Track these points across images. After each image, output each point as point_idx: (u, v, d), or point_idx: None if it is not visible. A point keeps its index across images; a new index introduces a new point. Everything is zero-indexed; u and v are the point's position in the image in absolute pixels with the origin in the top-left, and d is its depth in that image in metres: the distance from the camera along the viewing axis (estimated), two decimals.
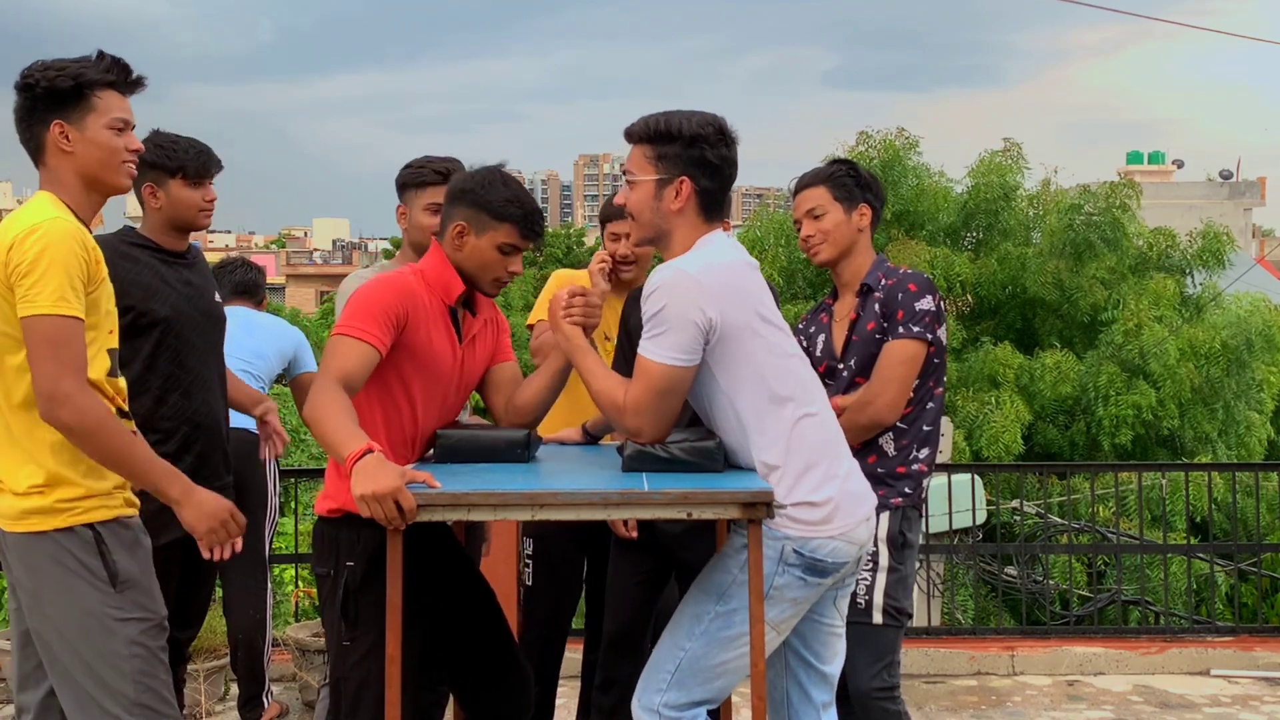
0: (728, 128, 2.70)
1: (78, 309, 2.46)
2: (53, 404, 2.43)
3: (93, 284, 2.54)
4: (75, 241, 2.48)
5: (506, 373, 3.07)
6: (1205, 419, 14.13)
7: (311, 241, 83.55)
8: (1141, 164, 34.08)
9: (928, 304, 3.27)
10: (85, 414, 2.45)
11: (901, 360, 3.23)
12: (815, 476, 2.62)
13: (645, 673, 2.72)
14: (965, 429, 13.24)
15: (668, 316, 2.57)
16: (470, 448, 2.82)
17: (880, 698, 3.24)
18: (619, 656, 3.78)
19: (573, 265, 30.23)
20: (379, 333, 2.70)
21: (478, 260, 2.86)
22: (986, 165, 15.80)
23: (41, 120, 2.60)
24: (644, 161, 2.69)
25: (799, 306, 14.18)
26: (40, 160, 2.64)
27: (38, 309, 2.42)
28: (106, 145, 2.62)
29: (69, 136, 2.59)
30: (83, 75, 2.60)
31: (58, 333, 2.43)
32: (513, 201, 2.84)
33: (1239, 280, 15.75)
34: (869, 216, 3.38)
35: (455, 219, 2.86)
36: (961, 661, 5.65)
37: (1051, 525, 9.70)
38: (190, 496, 2.61)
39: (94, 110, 2.61)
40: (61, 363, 2.42)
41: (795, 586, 2.61)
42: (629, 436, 2.66)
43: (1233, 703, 5.23)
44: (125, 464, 2.54)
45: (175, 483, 2.60)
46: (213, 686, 5.04)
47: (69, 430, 2.46)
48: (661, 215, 2.70)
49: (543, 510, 2.49)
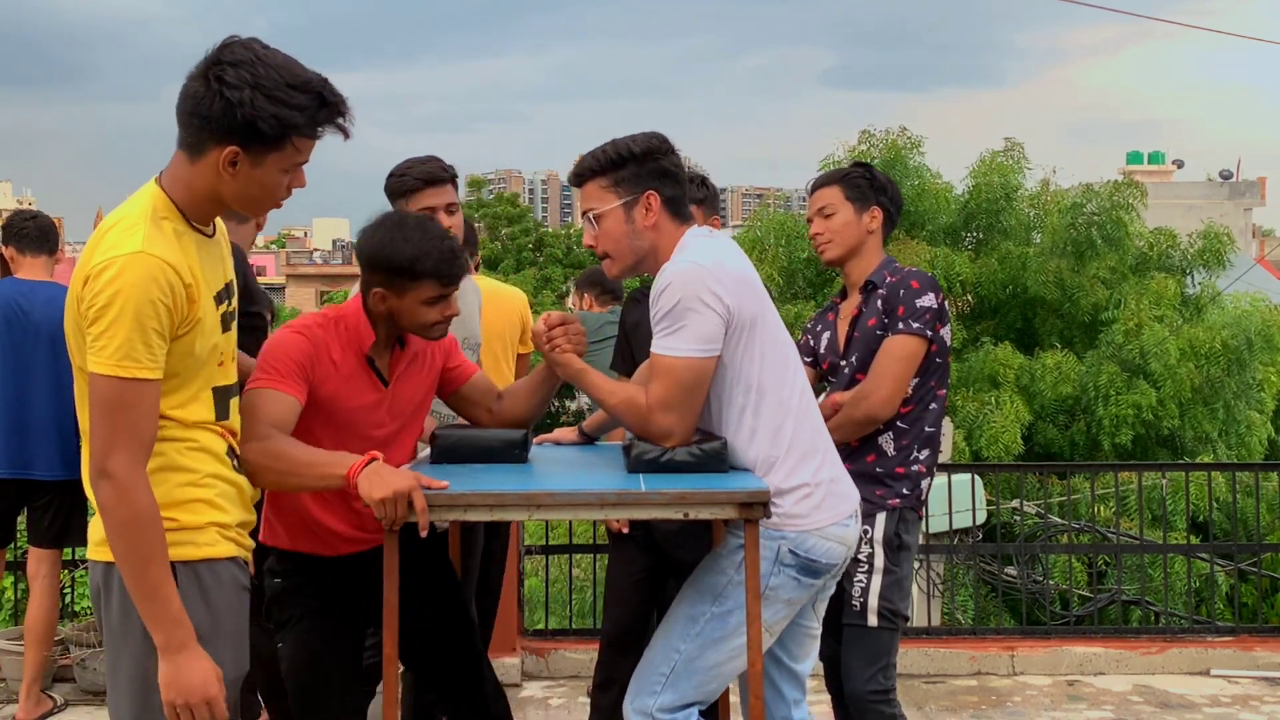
0: (667, 137, 2.76)
1: (147, 368, 2.14)
2: (98, 476, 2.14)
3: (184, 326, 2.20)
4: (156, 285, 2.13)
5: (477, 385, 3.02)
6: (1205, 419, 14.12)
7: (311, 241, 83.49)
8: (1141, 164, 34.03)
9: (929, 301, 3.27)
10: (126, 502, 2.13)
11: (899, 356, 3.23)
12: (814, 462, 2.68)
13: (637, 675, 2.72)
14: (965, 429, 13.24)
15: (686, 308, 2.56)
16: (467, 448, 2.81)
17: (875, 700, 3.24)
18: (618, 656, 3.78)
19: (573, 266, 30.20)
20: (294, 385, 2.66)
21: (410, 318, 2.78)
22: (987, 165, 15.80)
23: (216, 136, 2.19)
24: (603, 193, 2.71)
25: (799, 306, 14.19)
26: (188, 155, 2.23)
27: (100, 366, 2.13)
28: (271, 187, 2.27)
29: (237, 165, 2.21)
30: (295, 127, 2.21)
31: (117, 396, 2.12)
32: (420, 257, 2.72)
33: (1239, 280, 15.74)
34: (880, 219, 3.41)
35: (373, 285, 2.77)
36: (961, 661, 5.65)
37: (1051, 525, 9.69)
38: (183, 655, 2.17)
39: (281, 153, 2.23)
40: (114, 431, 2.13)
41: (789, 587, 2.63)
42: (658, 439, 2.62)
43: (1233, 703, 5.23)
44: (140, 574, 2.16)
45: (174, 630, 2.17)
46: None
47: (103, 510, 2.16)
48: (638, 235, 2.71)
49: (540, 510, 2.49)
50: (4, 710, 4.96)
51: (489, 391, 3.04)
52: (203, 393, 2.30)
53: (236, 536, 2.34)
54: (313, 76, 2.24)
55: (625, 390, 2.71)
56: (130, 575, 2.16)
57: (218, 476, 2.31)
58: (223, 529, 2.30)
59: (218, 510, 2.29)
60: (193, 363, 2.25)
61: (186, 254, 2.21)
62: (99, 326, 2.12)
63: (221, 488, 2.31)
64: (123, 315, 2.11)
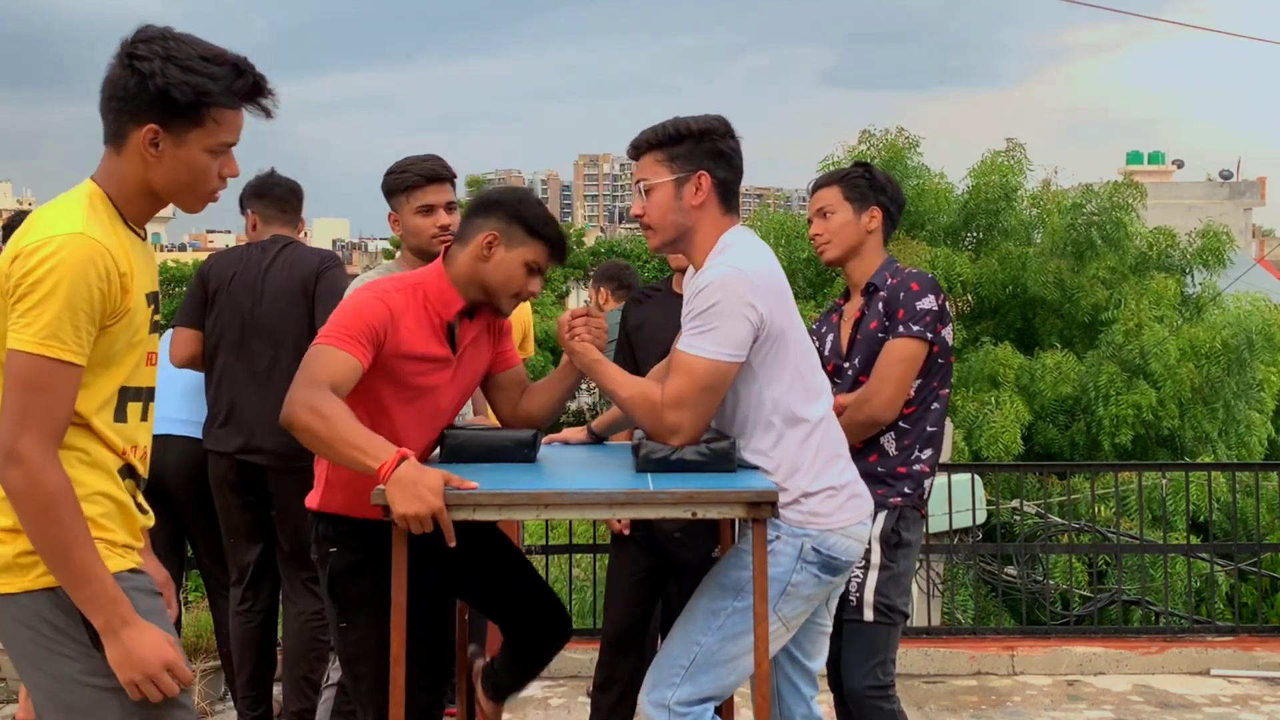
0: (728, 121, 2.79)
1: (71, 351, 2.02)
2: (6, 460, 2.00)
3: (112, 317, 2.09)
4: (94, 268, 2.03)
5: (512, 377, 3.07)
6: (1205, 419, 14.14)
7: (311, 241, 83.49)
8: (1141, 164, 34.02)
9: (929, 303, 3.29)
10: (39, 484, 2.00)
11: (900, 359, 3.25)
12: (838, 465, 2.75)
13: (655, 668, 2.74)
14: (965, 429, 13.25)
15: (721, 312, 2.59)
16: (476, 447, 2.82)
17: (873, 696, 3.25)
18: (618, 656, 3.79)
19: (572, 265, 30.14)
20: (362, 348, 2.68)
21: (504, 273, 2.83)
22: (988, 165, 15.82)
23: (134, 116, 2.11)
24: (658, 166, 2.75)
25: (799, 306, 14.18)
26: (114, 147, 2.16)
27: (22, 343, 2.00)
28: (200, 170, 2.17)
29: (159, 146, 2.13)
30: (208, 94, 2.12)
31: (37, 376, 2.00)
32: (549, 223, 2.86)
33: (1239, 280, 15.76)
34: (879, 219, 3.41)
35: (485, 229, 2.83)
36: (961, 661, 5.66)
37: (1051, 525, 9.71)
38: (126, 631, 2.06)
39: (202, 128, 2.14)
40: (29, 414, 2.00)
41: (810, 584, 2.69)
42: (667, 435, 2.65)
43: (1233, 703, 5.24)
44: (62, 561, 2.02)
45: (112, 609, 2.05)
46: (211, 687, 5.05)
47: (14, 496, 2.02)
48: (683, 213, 2.74)
49: (548, 510, 2.50)
50: (4, 710, 4.97)
51: (520, 384, 3.07)
52: (109, 388, 2.15)
53: (124, 554, 2.16)
54: (229, 52, 2.17)
55: (639, 384, 2.73)
56: (56, 562, 2.03)
57: (105, 495, 2.15)
58: (110, 545, 2.13)
59: (102, 530, 2.12)
60: (109, 356, 2.12)
61: (123, 245, 2.12)
62: (27, 302, 2.01)
63: (107, 507, 2.15)
64: (54, 294, 2.00)
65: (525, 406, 3.05)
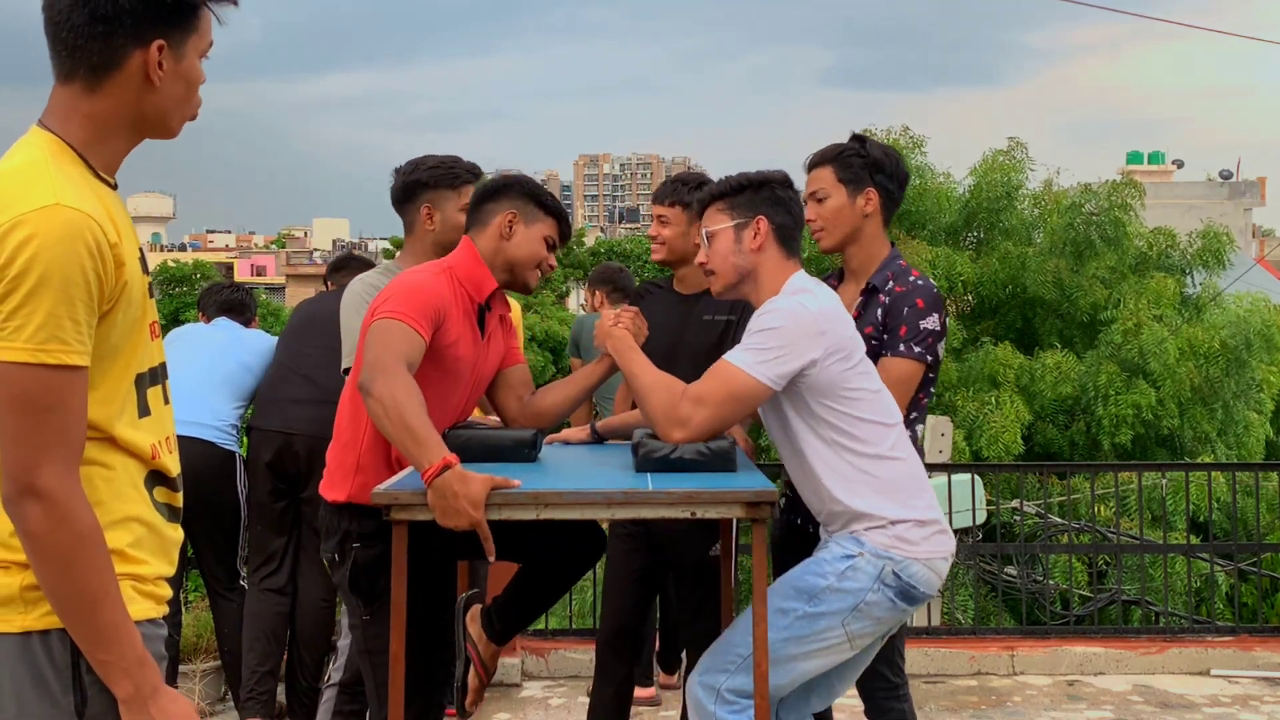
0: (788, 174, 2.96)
1: (76, 352, 1.66)
2: (23, 496, 1.63)
3: (110, 299, 1.73)
4: (83, 245, 1.66)
5: (518, 375, 3.13)
6: (1205, 419, 14.12)
7: (311, 241, 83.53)
8: (1141, 164, 34.02)
9: (933, 323, 3.15)
10: (65, 525, 1.64)
11: (897, 380, 3.10)
12: (924, 499, 2.80)
13: (712, 652, 2.77)
14: (965, 429, 13.23)
15: (779, 340, 2.67)
16: (478, 447, 2.83)
17: (883, 696, 3.24)
18: (615, 656, 3.78)
19: (573, 266, 30.15)
20: (426, 327, 2.72)
21: (528, 249, 2.95)
22: (990, 164, 15.81)
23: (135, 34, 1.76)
24: (718, 215, 2.90)
25: None
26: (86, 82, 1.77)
27: (14, 353, 1.62)
28: (195, 79, 1.86)
29: (164, 66, 1.79)
30: None
31: (43, 391, 1.63)
32: (556, 200, 3.04)
33: (1239, 280, 15.75)
34: (876, 201, 3.21)
35: (504, 209, 2.95)
36: (961, 661, 5.66)
37: (1051, 525, 9.70)
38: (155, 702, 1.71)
39: (198, 32, 1.83)
40: (43, 439, 1.63)
41: (884, 606, 2.73)
42: (675, 424, 2.69)
43: (1233, 703, 5.24)
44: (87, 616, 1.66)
45: (141, 675, 1.70)
46: (211, 687, 5.05)
47: (32, 538, 1.64)
48: (744, 256, 2.86)
49: (547, 509, 2.50)
50: None
51: (526, 384, 3.13)
52: (123, 383, 1.79)
53: (154, 590, 1.82)
54: None
55: (664, 375, 2.80)
56: (81, 619, 1.66)
57: (136, 519, 1.80)
58: (139, 582, 1.78)
59: (132, 563, 1.78)
60: (114, 345, 1.76)
61: (105, 206, 1.74)
62: (10, 303, 1.62)
63: (138, 533, 1.80)
64: (42, 286, 1.62)
65: (533, 404, 3.10)
